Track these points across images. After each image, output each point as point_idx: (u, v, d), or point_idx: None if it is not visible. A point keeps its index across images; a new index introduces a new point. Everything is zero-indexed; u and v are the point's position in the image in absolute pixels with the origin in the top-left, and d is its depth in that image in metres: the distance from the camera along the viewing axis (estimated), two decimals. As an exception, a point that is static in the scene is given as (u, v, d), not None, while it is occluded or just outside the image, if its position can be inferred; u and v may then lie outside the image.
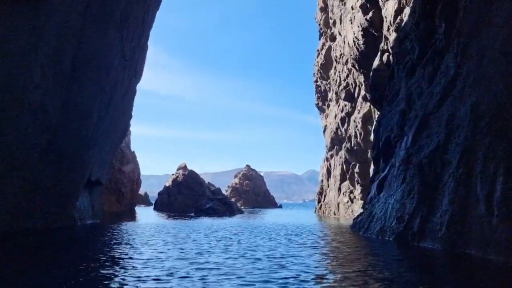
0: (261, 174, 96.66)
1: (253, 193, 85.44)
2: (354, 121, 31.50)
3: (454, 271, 7.78)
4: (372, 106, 28.74)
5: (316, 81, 43.79)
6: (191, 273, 7.07)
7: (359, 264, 8.22)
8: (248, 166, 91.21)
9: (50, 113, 15.93)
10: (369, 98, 27.80)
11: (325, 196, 40.75)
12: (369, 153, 30.42)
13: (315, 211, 46.32)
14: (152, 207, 56.55)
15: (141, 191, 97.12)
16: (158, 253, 9.61)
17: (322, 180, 42.51)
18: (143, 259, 8.66)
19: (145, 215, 36.13)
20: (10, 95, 13.52)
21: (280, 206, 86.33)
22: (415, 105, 14.38)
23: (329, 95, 40.71)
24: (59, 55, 15.39)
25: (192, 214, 36.55)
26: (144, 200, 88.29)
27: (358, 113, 30.91)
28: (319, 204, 42.93)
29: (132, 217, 30.60)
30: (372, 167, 27.92)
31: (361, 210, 30.76)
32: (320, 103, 43.78)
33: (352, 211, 32.16)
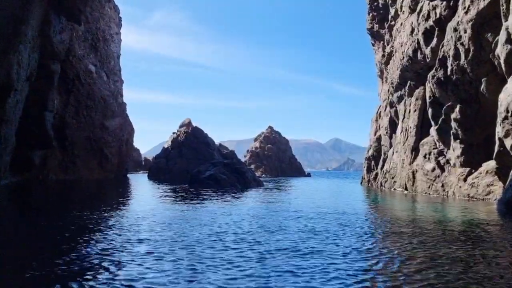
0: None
1: (276, 158, 72.72)
2: (455, 29, 17.87)
3: None
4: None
5: (371, -6, 29.73)
6: None
7: None
8: (270, 127, 77.92)
9: None
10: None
11: (384, 161, 27.62)
12: (483, 84, 16.89)
13: (361, 183, 33.49)
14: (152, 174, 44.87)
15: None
16: None
17: (378, 138, 29.25)
18: None
19: (115, 188, 24.32)
20: None
21: (309, 175, 73.46)
22: None
23: (392, 10, 26.76)
24: None
25: (187, 186, 24.62)
26: (152, 166, 77.30)
27: (466, 13, 17.22)
28: (372, 173, 29.90)
29: (84, 192, 18.75)
30: None
31: (466, 186, 17.59)
32: (376, 26, 29.85)
33: (442, 186, 19.17)
